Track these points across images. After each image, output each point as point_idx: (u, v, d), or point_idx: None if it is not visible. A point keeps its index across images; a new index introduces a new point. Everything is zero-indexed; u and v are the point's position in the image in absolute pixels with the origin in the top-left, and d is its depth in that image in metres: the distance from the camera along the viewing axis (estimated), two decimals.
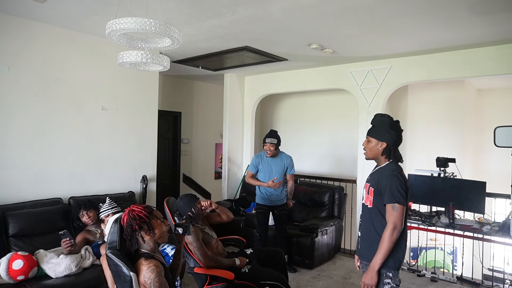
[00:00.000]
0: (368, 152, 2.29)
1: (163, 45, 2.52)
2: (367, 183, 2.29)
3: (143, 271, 1.91)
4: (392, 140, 2.21)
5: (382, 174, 2.20)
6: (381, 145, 2.22)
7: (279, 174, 4.21)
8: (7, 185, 3.55)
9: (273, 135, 4.21)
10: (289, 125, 7.41)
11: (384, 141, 2.21)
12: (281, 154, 4.31)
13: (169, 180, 6.74)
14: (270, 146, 4.15)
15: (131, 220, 2.00)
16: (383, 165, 2.25)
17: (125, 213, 2.04)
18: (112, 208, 3.60)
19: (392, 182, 2.11)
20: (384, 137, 2.21)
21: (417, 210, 4.19)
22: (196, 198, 2.96)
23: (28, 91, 3.68)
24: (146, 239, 2.02)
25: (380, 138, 2.22)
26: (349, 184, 5.48)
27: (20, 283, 2.85)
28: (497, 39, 3.87)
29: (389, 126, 2.23)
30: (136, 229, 2.00)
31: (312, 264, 4.47)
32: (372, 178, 2.27)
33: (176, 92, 6.74)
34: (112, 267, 1.98)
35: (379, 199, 2.17)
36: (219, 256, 2.93)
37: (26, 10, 3.39)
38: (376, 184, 2.19)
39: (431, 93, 6.18)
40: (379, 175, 2.22)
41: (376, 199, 2.18)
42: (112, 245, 1.99)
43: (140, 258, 1.97)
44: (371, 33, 3.84)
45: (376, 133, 2.25)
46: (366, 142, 2.30)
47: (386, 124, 2.24)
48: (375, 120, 2.31)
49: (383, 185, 2.14)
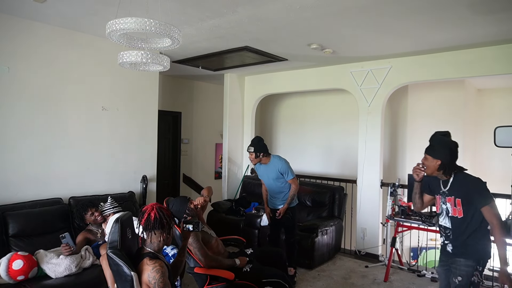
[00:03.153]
0: (427, 168, 2.49)
1: (163, 45, 2.52)
2: (449, 197, 2.44)
3: (147, 270, 1.92)
4: (446, 158, 2.40)
5: (464, 182, 2.40)
6: (436, 162, 2.42)
7: (275, 180, 3.97)
8: (7, 185, 3.55)
9: (252, 143, 3.91)
10: (289, 125, 7.41)
11: (439, 158, 2.41)
12: (273, 160, 3.95)
13: (169, 180, 6.74)
14: (250, 155, 3.90)
15: (163, 217, 2.04)
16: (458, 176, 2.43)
17: (151, 209, 2.06)
18: (114, 207, 3.61)
19: (479, 186, 2.35)
20: (438, 155, 2.41)
21: None
22: (187, 199, 2.86)
23: (28, 91, 3.68)
24: (157, 239, 2.04)
25: (435, 155, 2.42)
26: (349, 184, 5.48)
27: (20, 283, 2.85)
28: (497, 39, 3.87)
29: (443, 144, 2.44)
30: (165, 226, 2.04)
31: (312, 264, 4.46)
32: (452, 191, 2.43)
33: (176, 92, 6.74)
34: (113, 267, 1.98)
35: (470, 206, 2.36)
36: (219, 255, 2.93)
37: (26, 10, 3.38)
38: (461, 195, 2.38)
39: (431, 93, 6.18)
40: (460, 185, 2.41)
41: (468, 207, 2.37)
42: (113, 245, 2.00)
43: (144, 258, 1.98)
44: (371, 33, 3.84)
45: (432, 151, 2.45)
46: (424, 159, 2.49)
47: (441, 142, 2.45)
48: (433, 138, 2.51)
49: (470, 193, 2.35)
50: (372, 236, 5.04)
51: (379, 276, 4.30)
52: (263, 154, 3.88)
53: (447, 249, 2.50)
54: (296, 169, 4.44)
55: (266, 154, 3.91)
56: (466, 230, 2.39)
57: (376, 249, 5.00)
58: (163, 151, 6.45)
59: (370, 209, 5.05)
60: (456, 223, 2.43)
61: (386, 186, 4.87)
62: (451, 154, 2.42)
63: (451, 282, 2.44)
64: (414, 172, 2.55)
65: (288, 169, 3.92)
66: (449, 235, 2.48)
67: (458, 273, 2.39)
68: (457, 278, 2.38)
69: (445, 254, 2.56)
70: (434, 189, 2.59)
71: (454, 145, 2.45)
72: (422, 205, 2.68)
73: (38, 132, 3.76)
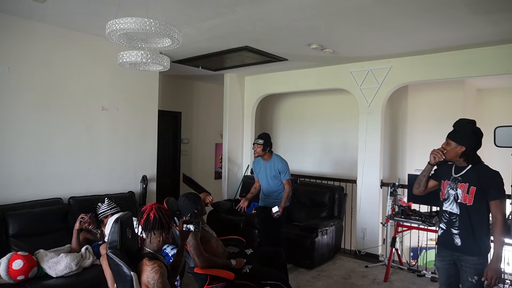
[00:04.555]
0: (447, 153, 2.43)
1: (163, 45, 2.52)
2: (463, 183, 2.38)
3: (146, 271, 1.92)
4: (471, 145, 2.35)
5: (484, 173, 2.35)
6: (460, 148, 2.37)
7: (272, 178, 4.08)
8: (7, 185, 3.54)
9: (261, 136, 4.12)
10: (289, 125, 7.41)
11: (463, 145, 2.36)
12: (274, 158, 4.12)
13: (169, 180, 6.74)
14: (256, 147, 4.06)
15: (162, 217, 2.04)
16: (477, 166, 2.37)
17: (151, 209, 2.06)
18: (111, 208, 3.61)
19: (497, 179, 2.32)
20: (463, 141, 2.36)
21: (417, 210, 4.19)
22: (199, 196, 2.98)
23: (28, 91, 3.68)
24: (156, 239, 2.04)
25: (460, 142, 2.37)
26: (349, 184, 5.48)
27: (20, 283, 2.84)
28: (497, 39, 3.87)
29: (470, 132, 2.37)
30: (164, 226, 2.04)
31: (312, 264, 4.47)
32: (467, 178, 2.38)
33: (176, 92, 6.73)
34: (112, 267, 1.98)
35: (483, 197, 2.31)
36: (218, 255, 2.93)
37: (26, 10, 3.38)
38: (478, 184, 2.32)
39: (431, 93, 6.18)
40: (478, 174, 2.34)
41: (479, 197, 2.32)
42: (113, 245, 1.99)
43: (143, 258, 1.98)
44: (371, 33, 3.84)
45: (457, 136, 2.39)
46: (446, 144, 2.44)
47: (467, 128, 2.39)
48: (458, 124, 2.45)
49: (489, 182, 2.30)
50: (372, 236, 5.04)
51: (379, 276, 4.30)
52: (269, 149, 4.09)
53: (455, 242, 2.40)
54: (296, 169, 4.46)
55: (270, 151, 4.12)
56: (472, 220, 2.34)
57: (376, 249, 5.00)
58: (163, 151, 6.45)
59: (370, 209, 5.05)
60: (465, 209, 2.37)
61: (386, 186, 4.87)
62: (477, 142, 2.37)
63: (465, 281, 2.38)
64: (432, 155, 2.47)
65: (287, 169, 4.05)
66: (455, 221, 2.42)
67: (474, 272, 2.32)
68: (473, 278, 2.32)
69: (448, 247, 2.46)
70: (442, 175, 2.54)
71: (480, 133, 2.39)
72: (425, 189, 2.63)
73: (38, 132, 3.76)
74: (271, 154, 4.12)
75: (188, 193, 2.99)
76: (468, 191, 2.35)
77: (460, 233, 2.39)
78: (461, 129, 2.41)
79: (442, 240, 2.53)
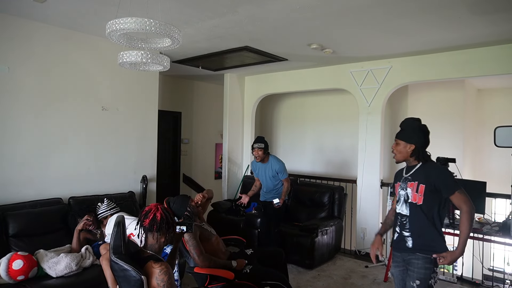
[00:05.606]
0: (398, 154, 2.41)
1: (163, 45, 2.52)
2: (412, 182, 2.33)
3: (155, 273, 1.89)
4: (420, 142, 2.33)
5: (431, 170, 2.31)
6: (409, 147, 2.35)
7: (271, 178, 4.40)
8: (7, 185, 3.54)
9: (260, 140, 4.33)
10: (289, 125, 7.41)
11: (412, 143, 2.33)
12: (271, 160, 4.40)
13: (169, 180, 6.74)
14: (258, 151, 4.28)
15: (168, 217, 2.05)
16: (426, 164, 2.34)
17: (156, 209, 2.04)
18: (110, 209, 3.61)
19: (446, 174, 2.30)
20: (412, 139, 2.34)
21: None
22: (188, 197, 2.92)
23: (28, 91, 3.68)
24: (161, 240, 2.03)
25: (409, 140, 2.34)
26: (349, 184, 5.48)
27: (20, 283, 2.84)
28: (497, 39, 3.87)
29: (417, 129, 2.36)
30: (170, 226, 2.04)
31: (312, 264, 4.47)
32: (416, 176, 2.34)
33: (176, 92, 6.74)
34: (119, 273, 1.94)
35: (433, 195, 2.26)
36: (219, 253, 2.93)
37: (26, 10, 3.39)
38: (427, 182, 2.27)
39: (431, 93, 6.18)
40: (426, 172, 2.30)
41: (429, 195, 2.27)
42: (118, 250, 1.95)
43: (148, 261, 1.95)
44: (371, 33, 3.84)
45: (405, 135, 2.38)
46: (395, 145, 2.42)
47: (414, 126, 2.37)
48: (405, 123, 2.43)
49: (440, 180, 2.25)
50: (372, 236, 5.00)
51: (379, 276, 4.30)
52: (267, 152, 4.38)
53: (407, 244, 2.33)
54: (296, 168, 4.51)
55: (267, 153, 4.39)
56: (423, 219, 2.28)
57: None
58: (163, 151, 6.44)
59: (370, 209, 5.05)
60: (414, 210, 2.31)
61: (386, 186, 4.87)
62: (425, 139, 2.35)
63: (408, 286, 2.29)
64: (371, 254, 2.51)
65: (284, 169, 4.38)
66: (405, 223, 2.35)
67: (416, 276, 2.25)
68: (415, 282, 2.24)
69: (400, 250, 2.40)
70: (396, 181, 2.50)
71: (427, 130, 2.37)
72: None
73: (38, 131, 3.76)
74: (268, 156, 4.39)
75: (176, 197, 2.91)
76: (417, 189, 2.30)
77: (412, 235, 2.33)
78: (409, 128, 2.39)
79: (395, 243, 2.46)
